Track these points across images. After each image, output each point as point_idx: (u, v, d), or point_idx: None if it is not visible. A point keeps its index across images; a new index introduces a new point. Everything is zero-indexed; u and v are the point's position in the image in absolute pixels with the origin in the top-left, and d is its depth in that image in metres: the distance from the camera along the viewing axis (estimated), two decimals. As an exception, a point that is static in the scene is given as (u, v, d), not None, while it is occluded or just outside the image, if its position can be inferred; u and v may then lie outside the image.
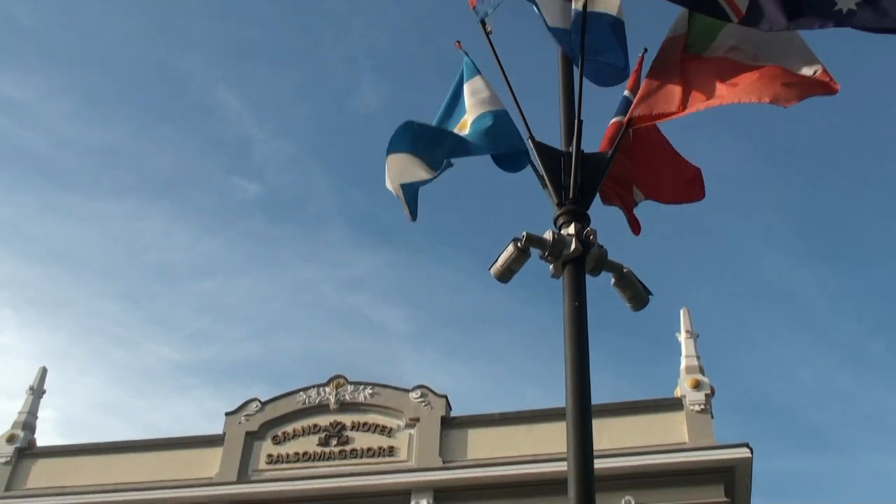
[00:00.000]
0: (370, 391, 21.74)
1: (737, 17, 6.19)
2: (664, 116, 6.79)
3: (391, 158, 7.07)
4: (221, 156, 56.84)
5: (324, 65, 57.12)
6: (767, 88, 6.27)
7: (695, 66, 6.86)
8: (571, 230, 6.18)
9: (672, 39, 7.05)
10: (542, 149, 6.69)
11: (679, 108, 6.64)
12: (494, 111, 7.29)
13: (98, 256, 57.54)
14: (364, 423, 21.31)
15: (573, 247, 6.09)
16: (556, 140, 6.93)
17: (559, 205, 6.42)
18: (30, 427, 23.18)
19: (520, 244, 6.23)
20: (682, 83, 6.76)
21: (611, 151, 6.78)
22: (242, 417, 21.92)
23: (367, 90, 55.99)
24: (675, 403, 20.26)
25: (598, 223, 6.52)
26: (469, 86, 7.62)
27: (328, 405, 21.67)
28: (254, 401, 22.17)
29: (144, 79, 55.44)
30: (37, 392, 23.90)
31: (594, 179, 6.55)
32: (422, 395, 21.34)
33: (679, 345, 21.15)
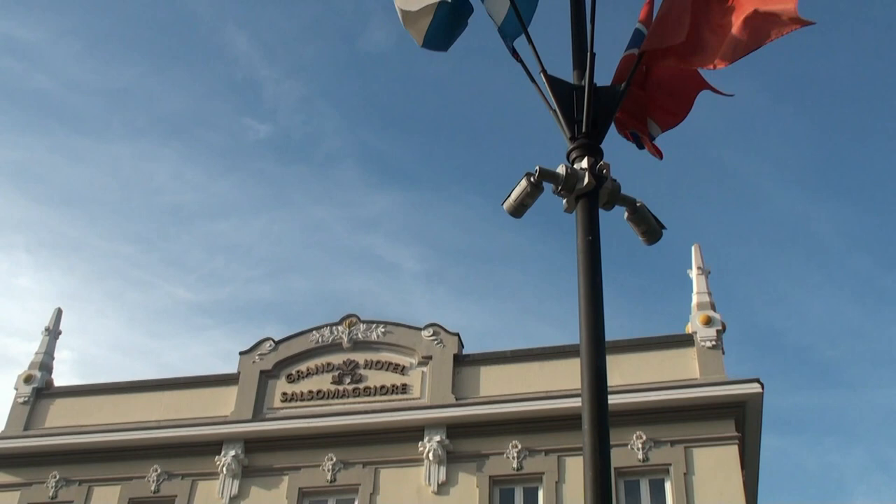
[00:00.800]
0: (382, 330, 21.87)
1: None
2: (676, 51, 6.70)
3: None
4: (232, 96, 56.61)
5: (332, 3, 56.57)
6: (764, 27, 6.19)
7: None
8: (584, 164, 6.15)
9: None
10: (555, 83, 6.62)
11: (690, 38, 6.55)
12: None
13: (111, 198, 57.63)
14: (377, 362, 21.48)
15: (586, 181, 6.07)
16: (569, 73, 6.87)
17: (572, 139, 6.38)
18: (47, 367, 23.45)
19: (532, 179, 6.20)
20: (694, 13, 6.66)
21: (624, 84, 6.71)
22: (256, 356, 22.10)
23: (376, 28, 55.46)
24: (687, 340, 20.34)
25: (611, 157, 6.49)
26: None
27: (341, 344, 21.83)
28: (267, 340, 22.34)
29: (153, 20, 55.02)
30: (52, 333, 24.14)
31: (607, 113, 6.50)
32: (434, 334, 21.46)
33: (690, 281, 21.17)
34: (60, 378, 24.15)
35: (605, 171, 6.18)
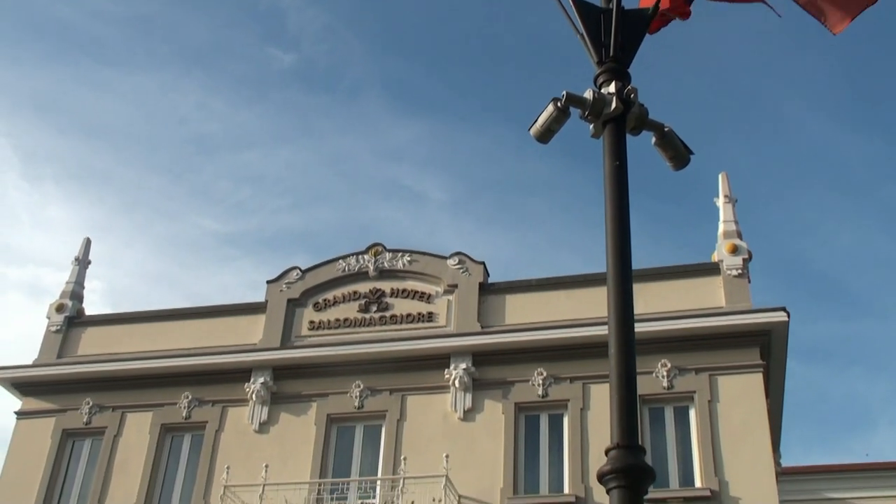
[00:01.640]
0: (408, 258, 21.96)
1: None
2: None
3: None
4: (256, 25, 56.16)
5: (355, -72, 55.75)
6: None
7: None
8: (612, 88, 6.09)
9: None
10: (582, 6, 6.54)
11: None
12: None
13: (137, 129, 57.73)
14: (403, 290, 21.61)
15: (613, 105, 6.02)
16: (597, -3, 6.77)
17: (599, 63, 6.32)
18: (77, 297, 23.77)
19: (559, 104, 6.16)
20: None
21: (652, 8, 6.62)
22: (284, 285, 22.29)
23: (400, -46, 54.72)
24: (713, 268, 20.30)
25: (639, 82, 6.42)
26: None
27: (367, 272, 21.96)
28: (294, 269, 22.50)
29: (174, -54, 54.53)
30: (82, 262, 24.43)
31: (635, 37, 6.41)
32: (460, 262, 21.53)
33: (717, 210, 21.07)
34: (91, 308, 24.54)
35: (633, 96, 6.13)
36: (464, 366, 20.03)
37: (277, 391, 20.98)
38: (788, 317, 19.00)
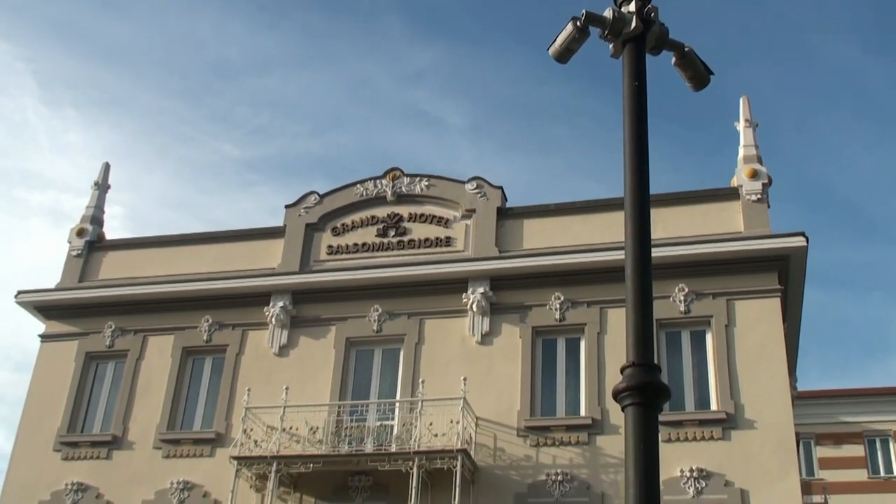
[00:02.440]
0: (426, 183, 21.93)
1: None
2: None
3: None
4: (271, -53, 55.43)
5: None
6: None
7: None
8: (632, 7, 6.01)
9: None
10: (602, -77, 6.42)
11: None
12: None
13: (155, 54, 57.39)
14: (421, 215, 21.63)
15: (633, 24, 5.95)
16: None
17: (619, -19, 6.22)
18: (97, 221, 23.93)
19: (579, 23, 6.09)
20: None
21: (674, -76, 6.49)
22: (302, 210, 22.34)
23: None
24: (732, 193, 20.20)
25: (660, 2, 6.33)
26: None
27: (385, 197, 21.97)
28: (312, 193, 22.52)
29: None
30: (101, 187, 24.52)
31: (656, -46, 6.29)
32: (477, 187, 21.49)
33: (738, 134, 20.88)
34: (112, 233, 24.69)
35: (653, 15, 6.05)
36: (481, 290, 20.12)
37: (297, 315, 21.17)
38: (807, 242, 18.94)
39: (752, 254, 19.18)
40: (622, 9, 6.11)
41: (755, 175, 20.04)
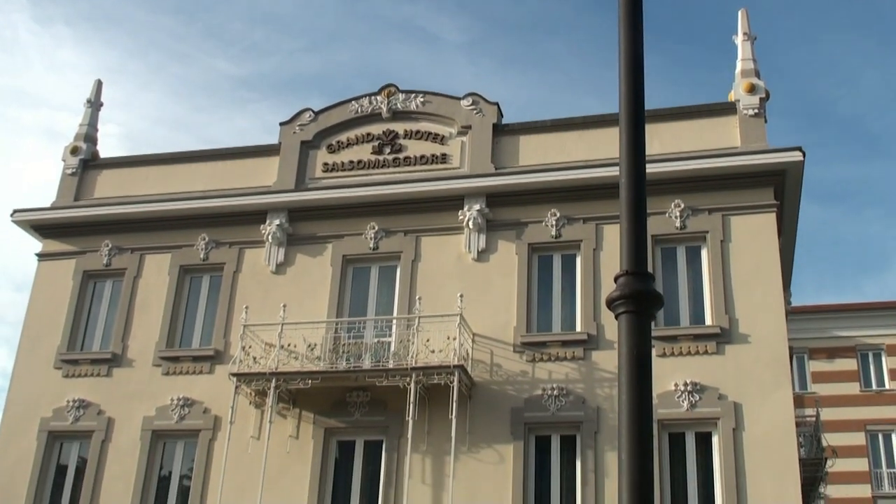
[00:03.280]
0: (421, 100, 21.75)
1: None
2: None
3: None
4: None
5: None
6: None
7: None
8: (629, -87, 5.86)
9: None
10: None
11: None
12: None
13: (143, -32, 56.32)
14: (416, 132, 21.50)
15: (630, -69, 5.80)
16: None
17: None
18: (91, 139, 23.79)
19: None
20: None
21: None
22: (297, 127, 22.19)
23: None
24: (729, 108, 20.07)
25: None
26: None
27: (380, 114, 21.80)
28: (307, 111, 22.35)
29: None
30: (94, 104, 24.32)
31: None
32: (473, 103, 21.33)
33: (735, 48, 20.66)
34: (108, 153, 24.62)
35: (651, -79, 5.90)
36: (477, 207, 20.11)
37: (293, 233, 21.19)
38: (804, 156, 18.88)
39: (749, 169, 19.13)
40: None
41: (753, 89, 19.88)
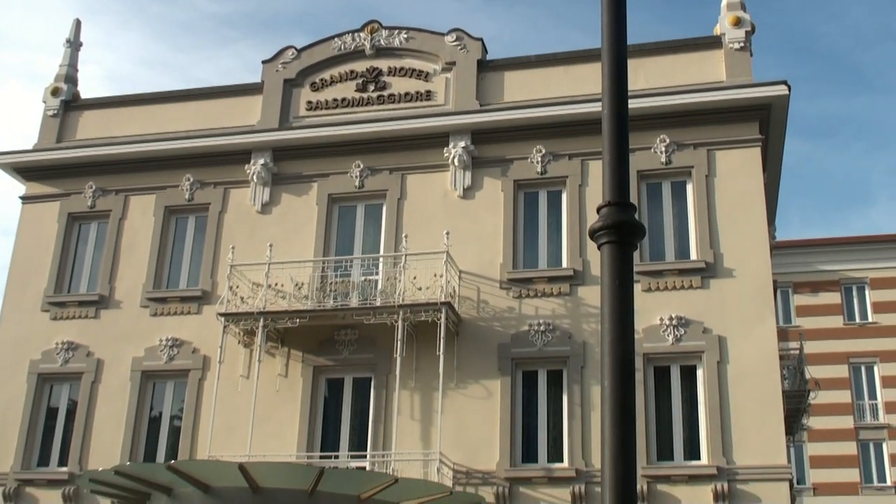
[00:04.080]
0: (405, 36, 21.55)
1: None
2: None
3: None
4: None
5: None
6: None
7: None
8: None
9: None
10: None
11: None
12: None
13: None
14: (400, 68, 21.33)
15: None
16: None
17: None
18: (71, 80, 23.53)
19: None
20: None
21: None
22: (279, 65, 21.99)
23: None
24: (715, 42, 19.97)
25: None
26: None
27: (364, 51, 21.61)
28: (289, 48, 22.12)
29: None
30: (73, 44, 24.02)
31: None
32: (457, 39, 21.14)
33: (722, -19, 20.47)
34: (91, 94, 24.30)
35: None
36: (463, 144, 20.05)
37: (278, 172, 21.11)
38: (789, 90, 18.84)
39: (734, 103, 19.10)
40: None
41: (738, 23, 19.77)
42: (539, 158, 19.81)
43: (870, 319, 40.91)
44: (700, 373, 17.91)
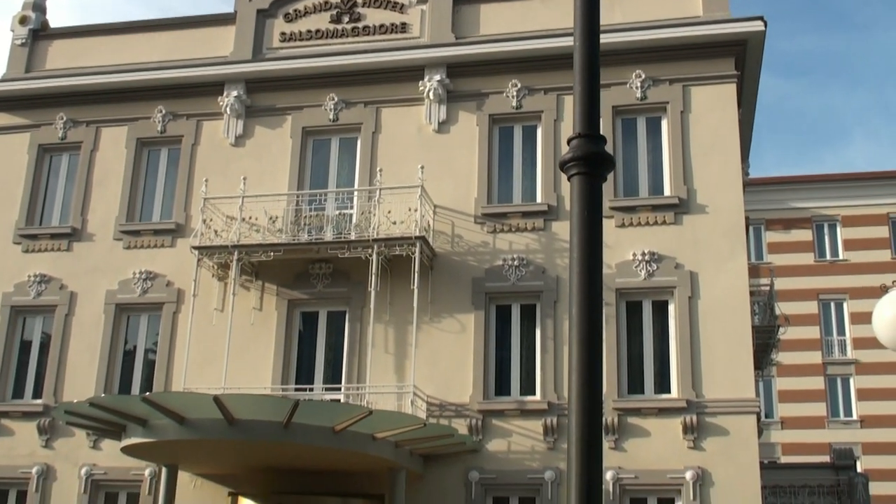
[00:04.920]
0: (380, -33, 21.22)
1: None
2: None
3: None
4: None
5: None
6: None
7: None
8: None
9: None
10: None
11: None
12: None
13: None
14: (375, 0, 21.05)
15: None
16: None
17: None
18: (40, 8, 23.09)
19: None
20: None
21: None
22: (252, -5, 21.64)
23: None
24: (692, -24, 19.80)
25: None
26: None
27: (338, -19, 21.30)
28: (263, -22, 21.75)
29: None
30: (42, -28, 23.51)
31: None
32: (433, -29, 20.84)
33: (701, -86, 20.24)
34: (61, 23, 23.81)
35: None
36: (438, 77, 19.91)
37: (251, 104, 20.91)
38: (765, 26, 18.78)
39: (710, 39, 19.03)
40: None
41: (716, -43, 19.59)
42: (514, 93, 19.72)
43: (840, 257, 41.38)
44: (671, 308, 18.10)
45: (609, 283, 17.60)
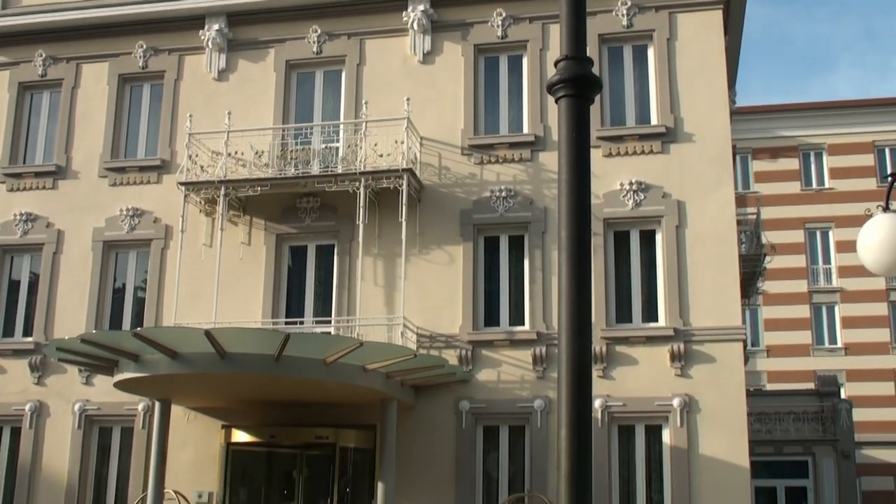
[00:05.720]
0: None
1: None
2: None
3: None
4: None
5: None
6: None
7: None
8: None
9: None
10: None
11: None
12: None
13: None
14: (358, -71, 20.70)
15: None
16: None
17: None
18: (16, -58, 22.63)
19: None
20: None
21: None
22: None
23: None
24: None
25: None
26: None
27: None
28: None
29: None
30: None
31: None
32: None
33: None
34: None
35: None
36: (422, 7, 19.67)
37: (233, 38, 20.66)
38: (753, -49, 18.58)
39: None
40: None
41: None
42: (500, 22, 19.52)
43: (826, 185, 41.47)
44: (659, 237, 18.17)
45: (597, 213, 17.64)
